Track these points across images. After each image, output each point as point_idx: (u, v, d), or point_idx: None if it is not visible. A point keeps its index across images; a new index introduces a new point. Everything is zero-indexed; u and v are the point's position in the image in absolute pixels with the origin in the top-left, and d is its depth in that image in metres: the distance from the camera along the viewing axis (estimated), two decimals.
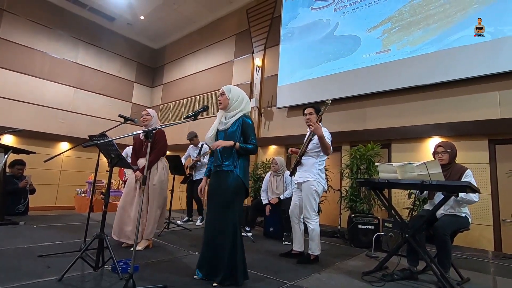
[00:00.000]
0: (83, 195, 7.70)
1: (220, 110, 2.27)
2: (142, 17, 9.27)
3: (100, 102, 9.52)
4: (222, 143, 2.08)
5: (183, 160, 5.06)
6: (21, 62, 8.02)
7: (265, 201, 4.07)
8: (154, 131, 1.83)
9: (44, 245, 2.85)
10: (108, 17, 9.32)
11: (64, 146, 8.63)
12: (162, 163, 3.03)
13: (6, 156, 3.42)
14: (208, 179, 2.28)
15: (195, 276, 2.13)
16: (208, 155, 3.89)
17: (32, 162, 4.90)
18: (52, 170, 8.28)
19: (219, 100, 2.22)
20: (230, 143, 2.08)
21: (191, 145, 4.98)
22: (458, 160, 3.42)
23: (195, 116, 2.12)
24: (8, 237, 3.03)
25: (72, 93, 8.94)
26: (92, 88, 9.38)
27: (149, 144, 1.81)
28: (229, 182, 2.07)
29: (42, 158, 4.64)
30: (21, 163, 4.48)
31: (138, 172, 2.85)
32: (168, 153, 7.49)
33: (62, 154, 8.58)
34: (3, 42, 7.76)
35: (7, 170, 4.35)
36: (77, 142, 7.71)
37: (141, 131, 1.84)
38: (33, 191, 4.58)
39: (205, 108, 2.19)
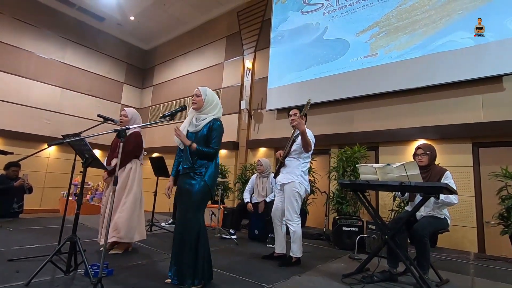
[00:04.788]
0: (70, 197, 7.54)
1: (191, 110, 2.23)
2: (132, 18, 9.19)
3: (88, 103, 9.38)
4: (183, 138, 2.08)
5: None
6: (6, 61, 7.85)
7: (246, 200, 4.04)
8: (128, 131, 1.76)
9: (18, 248, 2.75)
10: (97, 17, 9.22)
11: (50, 148, 8.44)
12: (131, 165, 2.88)
13: None
14: (175, 179, 2.26)
15: (167, 280, 2.08)
16: None
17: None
18: (37, 172, 8.10)
19: (193, 100, 2.18)
20: (188, 142, 2.08)
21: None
22: (443, 163, 3.46)
23: (172, 116, 2.09)
24: None
25: (59, 93, 8.79)
26: (80, 89, 9.24)
27: (122, 144, 1.76)
28: (197, 187, 2.05)
29: (24, 160, 4.54)
30: (16, 165, 4.41)
31: (105, 173, 2.78)
32: (155, 155, 7.41)
33: (48, 156, 8.38)
34: None
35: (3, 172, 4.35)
36: (64, 144, 7.56)
37: (113, 130, 1.79)
38: (30, 189, 4.52)
39: (183, 108, 2.16)
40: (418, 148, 2.58)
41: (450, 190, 2.11)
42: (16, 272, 2.08)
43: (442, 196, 2.30)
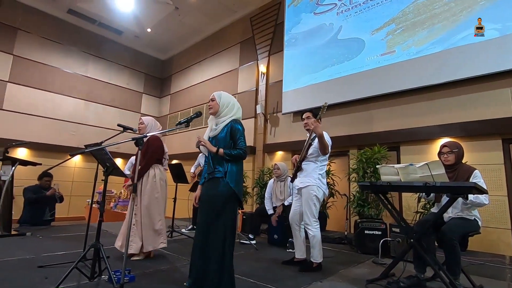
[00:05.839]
0: (94, 205, 7.82)
1: (211, 117, 2.22)
2: (149, 30, 9.49)
3: (110, 113, 9.75)
4: (208, 145, 2.06)
5: (193, 168, 5.06)
6: (34, 77, 8.34)
7: (270, 211, 3.99)
8: (145, 139, 1.80)
9: (47, 255, 2.87)
10: (116, 30, 9.60)
11: (75, 158, 8.83)
12: (154, 171, 2.92)
13: (13, 168, 3.50)
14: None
15: (185, 283, 2.05)
16: None
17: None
18: (65, 182, 8.46)
19: (209, 106, 2.18)
20: (213, 149, 2.04)
21: (201, 154, 4.99)
22: (471, 161, 3.28)
23: (187, 123, 2.12)
24: (13, 249, 3.07)
25: (83, 105, 9.20)
26: (102, 100, 9.64)
27: (140, 152, 1.80)
28: (219, 189, 2.00)
29: (52, 170, 4.75)
30: (49, 175, 4.64)
31: (128, 181, 2.85)
32: (174, 161, 7.56)
33: (74, 166, 8.76)
34: (18, 59, 8.11)
35: (37, 182, 4.60)
36: (87, 154, 7.87)
37: (131, 138, 1.83)
38: (61, 198, 4.75)
39: (198, 114, 2.19)
40: (443, 146, 2.46)
41: (479, 190, 1.99)
42: (45, 279, 2.16)
43: (471, 197, 2.17)
